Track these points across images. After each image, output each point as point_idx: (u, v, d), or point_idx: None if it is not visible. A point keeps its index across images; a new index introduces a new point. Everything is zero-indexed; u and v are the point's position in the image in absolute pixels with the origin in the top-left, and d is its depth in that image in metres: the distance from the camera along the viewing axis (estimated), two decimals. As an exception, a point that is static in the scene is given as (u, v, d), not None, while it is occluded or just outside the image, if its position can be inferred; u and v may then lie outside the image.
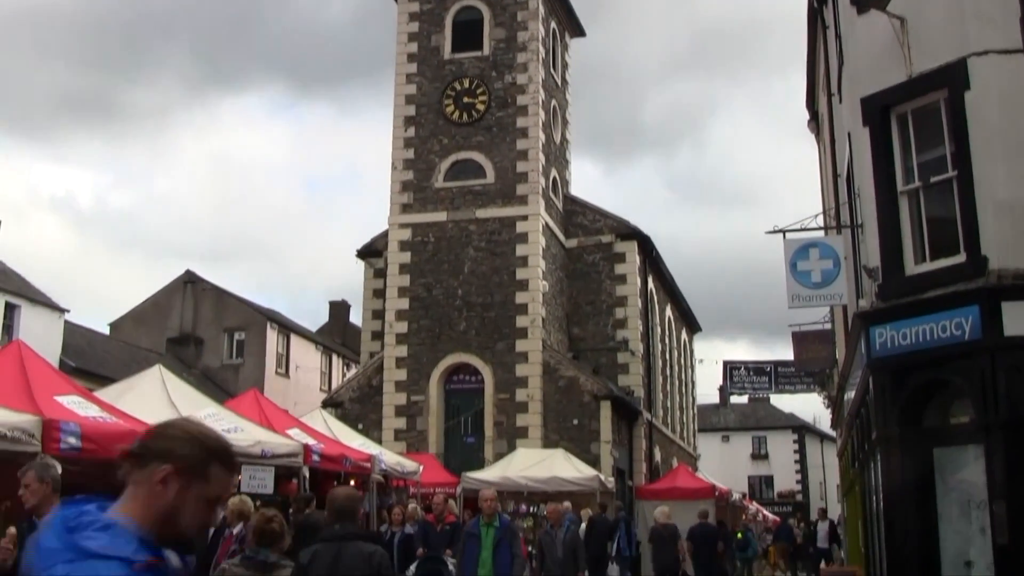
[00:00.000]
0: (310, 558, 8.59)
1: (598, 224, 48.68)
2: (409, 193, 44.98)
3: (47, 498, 8.37)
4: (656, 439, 51.33)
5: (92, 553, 3.32)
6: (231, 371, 58.37)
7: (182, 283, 61.14)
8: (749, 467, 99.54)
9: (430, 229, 44.41)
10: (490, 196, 44.13)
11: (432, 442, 42.40)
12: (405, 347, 43.69)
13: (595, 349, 47.38)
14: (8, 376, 17.41)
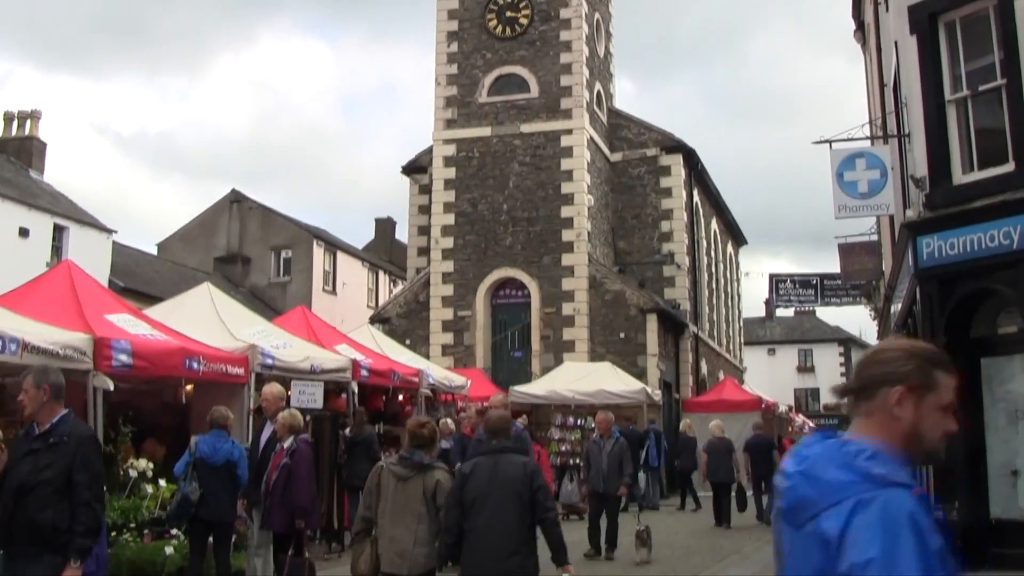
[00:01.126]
0: (471, 468, 9.60)
1: (643, 138, 48.42)
2: (453, 109, 44.86)
3: (46, 405, 8.39)
4: (702, 352, 51.35)
5: (888, 481, 3.32)
6: (278, 289, 58.70)
7: (228, 202, 61.36)
8: (795, 380, 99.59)
9: (474, 144, 44.33)
10: (534, 111, 43.96)
11: (479, 357, 42.63)
12: (451, 262, 43.79)
13: (641, 263, 47.32)
14: (59, 295, 17.62)
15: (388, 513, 9.56)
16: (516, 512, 9.29)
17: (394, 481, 9.65)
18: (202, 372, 17.53)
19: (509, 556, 9.17)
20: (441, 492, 9.56)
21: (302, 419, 14.66)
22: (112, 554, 13.98)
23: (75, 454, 8.25)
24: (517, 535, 9.27)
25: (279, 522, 13.56)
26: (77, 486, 8.17)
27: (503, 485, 9.37)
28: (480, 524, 9.22)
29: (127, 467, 16.53)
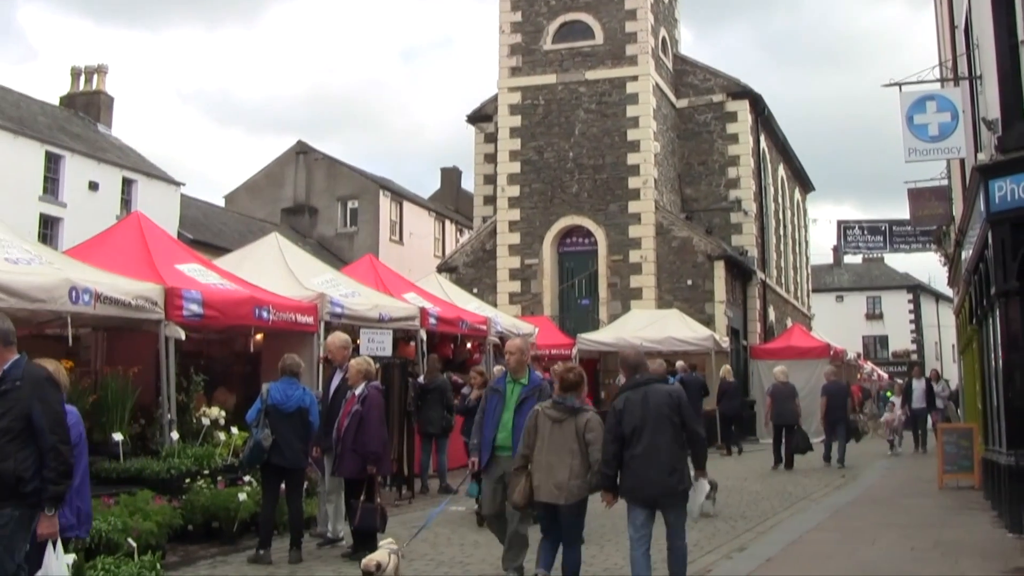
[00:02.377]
0: (623, 403, 10.63)
1: (708, 83, 48.04)
2: (518, 56, 44.70)
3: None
4: (770, 299, 51.10)
5: None
6: (345, 239, 58.96)
7: (294, 154, 61.60)
8: (863, 327, 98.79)
9: (539, 92, 44.17)
10: (599, 57, 43.71)
11: (547, 304, 42.66)
12: (518, 211, 43.76)
13: (708, 209, 47.10)
14: (129, 246, 17.79)
15: (545, 451, 10.85)
16: (670, 434, 10.49)
17: (549, 423, 10.92)
18: (272, 321, 17.67)
19: (670, 473, 10.43)
20: (590, 431, 10.76)
21: (373, 365, 14.72)
22: (186, 500, 14.20)
23: (31, 398, 7.98)
24: (673, 454, 10.50)
25: (350, 468, 13.65)
26: (40, 431, 7.93)
27: (655, 412, 10.50)
28: (640, 451, 10.42)
29: (199, 415, 16.70)
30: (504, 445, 12.04)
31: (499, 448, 12.07)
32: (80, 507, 8.85)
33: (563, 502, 10.73)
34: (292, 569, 12.97)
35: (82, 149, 43.21)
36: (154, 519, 12.63)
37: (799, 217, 64.33)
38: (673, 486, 10.46)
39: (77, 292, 13.81)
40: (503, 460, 11.93)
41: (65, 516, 8.42)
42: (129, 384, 15.92)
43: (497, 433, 12.09)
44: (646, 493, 10.49)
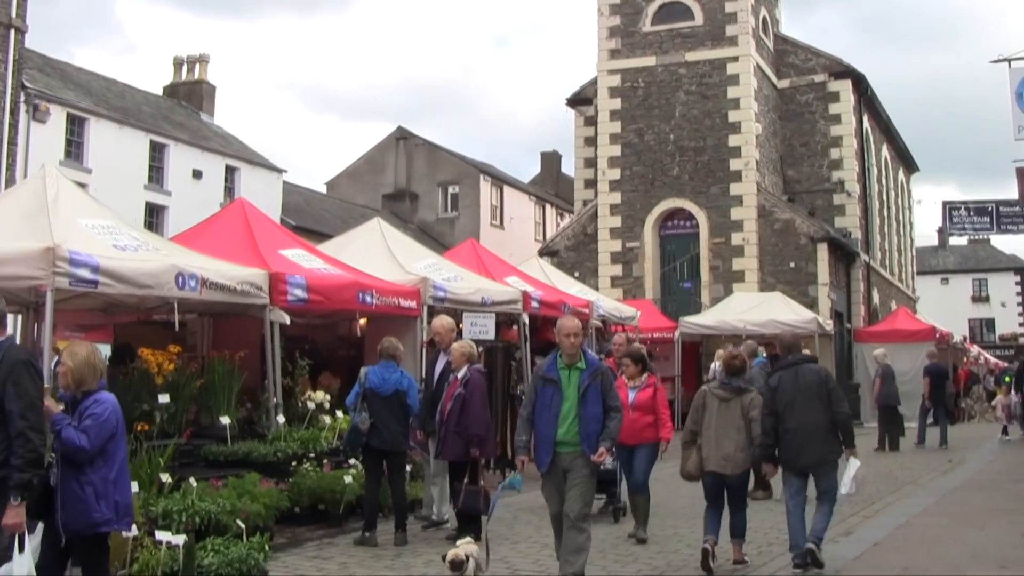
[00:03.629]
0: (777, 381, 12.01)
1: (810, 63, 47.49)
2: (617, 39, 44.55)
3: None
4: (874, 281, 50.52)
5: None
6: (446, 224, 59.16)
7: (394, 140, 61.86)
8: (969, 310, 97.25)
9: (639, 74, 44.02)
10: (699, 38, 43.43)
11: (648, 288, 42.55)
12: (619, 194, 43.66)
13: (810, 191, 46.63)
14: (234, 232, 17.96)
15: (713, 427, 12.11)
16: (819, 410, 11.76)
17: (716, 402, 12.23)
18: (375, 306, 17.74)
19: (822, 444, 11.79)
20: (754, 408, 12.04)
21: (476, 349, 14.74)
22: (293, 483, 14.32)
23: (5, 381, 7.60)
24: (823, 428, 11.78)
25: (454, 451, 13.70)
26: (9, 416, 7.53)
27: (805, 390, 11.79)
28: (793, 425, 11.76)
29: (305, 399, 16.85)
30: (567, 440, 10.61)
31: (560, 444, 10.59)
32: (118, 500, 8.26)
33: (730, 472, 12.02)
34: (397, 551, 13.04)
35: (185, 138, 43.72)
36: (261, 501, 12.74)
37: (903, 198, 63.47)
38: (823, 456, 11.84)
39: (184, 278, 13.95)
40: (565, 457, 10.58)
41: (101, 510, 8.03)
42: (236, 368, 16.07)
43: (558, 428, 10.60)
44: (800, 463, 11.88)
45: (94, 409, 8.09)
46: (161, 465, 12.21)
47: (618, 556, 12.86)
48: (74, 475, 7.97)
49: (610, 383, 10.87)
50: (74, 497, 7.95)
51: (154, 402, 14.44)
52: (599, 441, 10.50)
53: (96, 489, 8.00)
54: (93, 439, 7.96)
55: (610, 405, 10.68)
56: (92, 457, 7.99)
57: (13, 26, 32.68)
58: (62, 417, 8.04)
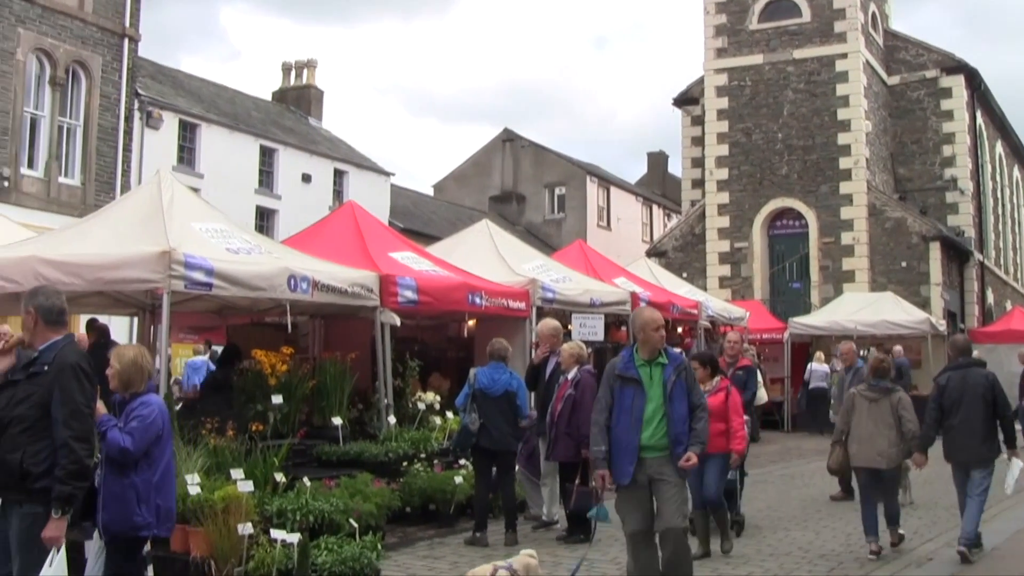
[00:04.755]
0: (946, 380, 12.90)
1: (921, 59, 46.78)
2: (723, 37, 44.31)
3: (36, 331, 7.64)
4: (988, 281, 49.69)
5: None
6: (553, 226, 59.22)
7: (500, 141, 62.05)
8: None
9: (746, 73, 43.74)
10: (807, 35, 43.02)
11: (757, 288, 42.28)
12: (726, 194, 43.43)
13: (922, 189, 45.95)
14: (344, 235, 18.18)
15: (865, 426, 13.01)
16: (982, 410, 12.60)
17: (866, 403, 13.08)
18: (485, 307, 17.84)
19: (981, 443, 12.60)
20: (904, 408, 12.92)
21: (586, 350, 14.74)
22: (404, 483, 14.40)
23: (53, 386, 7.34)
24: (985, 427, 12.62)
25: (565, 452, 13.71)
26: (55, 424, 7.28)
27: (972, 391, 12.64)
28: (956, 422, 12.65)
29: (415, 400, 16.97)
30: (652, 444, 9.60)
31: (646, 449, 9.57)
32: (160, 505, 8.06)
33: (884, 466, 12.92)
34: (508, 551, 13.00)
35: (295, 142, 44.15)
36: (373, 501, 12.82)
37: (1019, 196, 62.26)
38: (983, 454, 12.65)
39: (296, 280, 14.12)
40: (652, 463, 9.57)
41: (141, 514, 7.86)
42: (347, 370, 16.23)
43: (642, 432, 9.59)
44: (960, 457, 12.75)
45: (140, 411, 8.01)
46: (275, 464, 12.34)
47: (728, 559, 12.80)
48: (117, 477, 7.89)
49: (694, 379, 10.09)
50: (115, 498, 7.87)
51: (268, 403, 14.63)
52: (688, 445, 9.52)
53: (138, 492, 7.90)
54: (137, 441, 7.86)
55: (696, 403, 9.78)
56: (136, 459, 7.90)
57: (127, 35, 33.26)
58: (108, 418, 7.97)
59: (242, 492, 10.91)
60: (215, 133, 39.38)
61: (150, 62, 40.16)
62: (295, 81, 51.55)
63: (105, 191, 32.04)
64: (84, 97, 32.11)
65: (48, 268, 13.15)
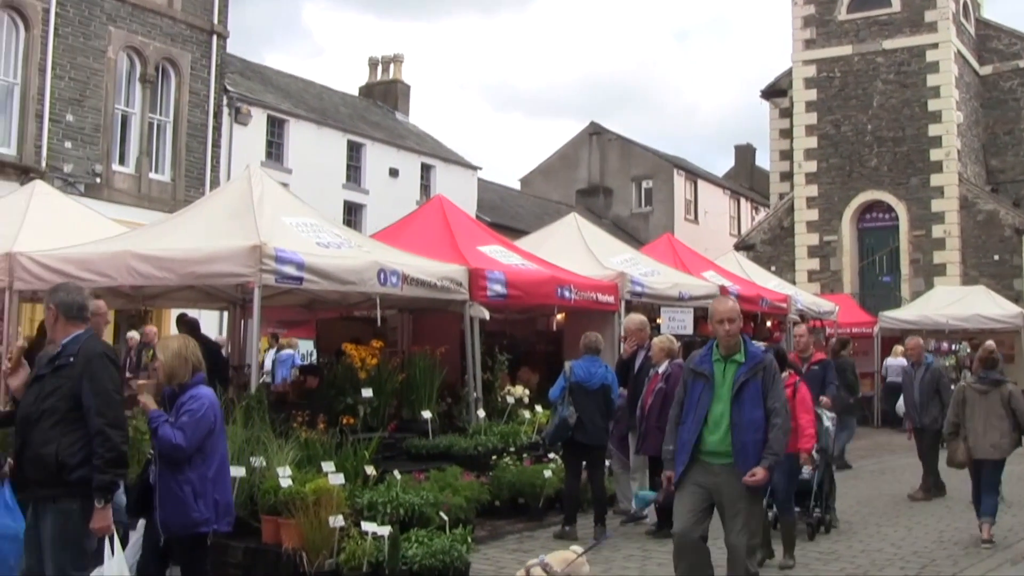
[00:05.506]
0: None
1: (1015, 48, 45.99)
2: (812, 28, 43.92)
3: (58, 326, 7.63)
4: (1084, 273, 48.85)
5: None
6: (640, 219, 59.08)
7: (587, 135, 61.97)
8: None
9: (835, 64, 43.33)
10: (896, 26, 42.52)
11: (846, 282, 41.91)
12: (815, 186, 43.09)
13: (1015, 181, 45.23)
14: (433, 229, 18.21)
15: (977, 419, 13.43)
16: None
17: (976, 395, 13.52)
18: (573, 300, 17.80)
19: None
20: (1014, 399, 13.34)
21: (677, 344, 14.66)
22: (493, 477, 14.39)
23: (81, 376, 7.32)
24: None
25: (655, 446, 13.58)
26: (88, 413, 7.26)
27: None
28: None
29: (504, 394, 16.96)
30: (719, 450, 8.85)
31: (707, 454, 8.86)
32: (217, 499, 8.02)
33: (998, 456, 13.37)
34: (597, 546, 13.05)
35: (382, 137, 44.36)
36: (463, 494, 12.83)
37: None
38: None
39: (386, 274, 14.14)
40: (718, 470, 8.83)
41: (199, 509, 7.84)
42: (437, 363, 16.25)
43: (705, 434, 8.88)
44: None
45: (191, 405, 7.95)
46: (366, 457, 12.38)
47: (819, 553, 12.70)
48: (172, 473, 7.86)
49: (773, 380, 8.95)
50: (172, 496, 7.83)
51: (358, 396, 14.67)
52: (761, 457, 8.66)
53: (194, 488, 7.86)
54: (189, 436, 7.81)
55: (771, 407, 8.83)
56: (190, 455, 7.85)
57: (215, 32, 33.59)
58: (158, 414, 7.95)
59: (333, 485, 10.95)
60: (303, 128, 39.69)
61: (238, 58, 40.53)
62: (382, 76, 51.83)
63: (195, 187, 32.41)
64: (174, 94, 32.50)
65: (141, 263, 13.35)
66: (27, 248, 14.72)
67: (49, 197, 17.94)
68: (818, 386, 14.69)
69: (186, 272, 13.35)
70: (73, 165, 29.09)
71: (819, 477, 13.70)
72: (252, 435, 11.91)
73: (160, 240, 14.12)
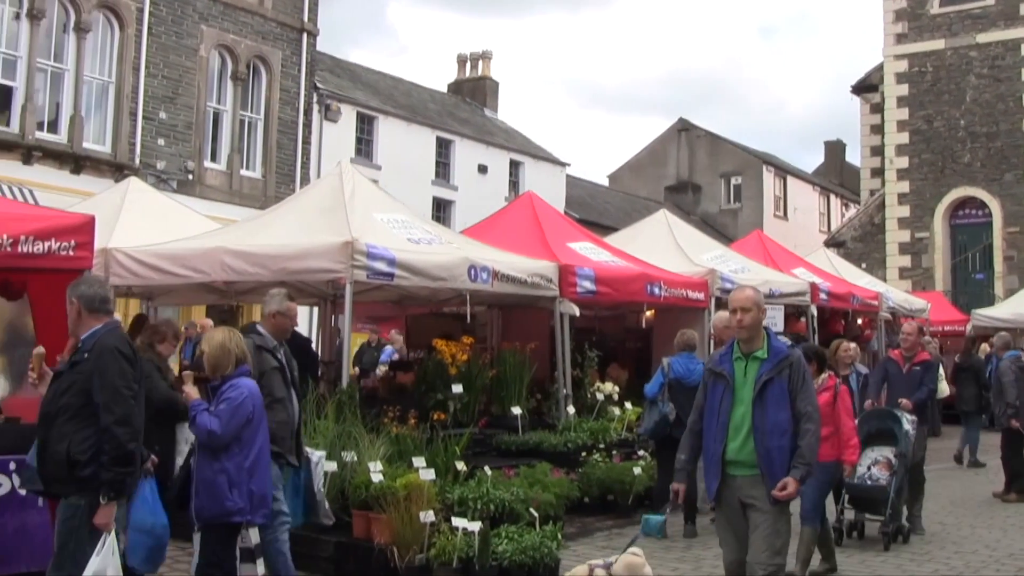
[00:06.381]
0: None
1: (1112, 41, 45.25)
2: (903, 22, 43.34)
3: (80, 320, 7.55)
4: None
5: None
6: (729, 216, 58.85)
7: (676, 131, 61.81)
8: None
9: (927, 59, 42.72)
10: (991, 19, 41.81)
11: (938, 279, 41.37)
12: (907, 183, 42.54)
13: (1113, 176, 44.50)
14: (523, 225, 18.25)
15: None
16: None
17: None
18: (663, 297, 17.74)
19: None
20: None
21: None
22: (583, 473, 14.38)
23: (93, 372, 7.25)
24: None
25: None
26: (97, 409, 7.19)
27: None
28: None
29: (594, 391, 16.94)
30: (741, 460, 7.88)
31: (733, 465, 7.90)
32: (253, 491, 8.00)
33: None
34: (687, 543, 13.04)
35: (471, 133, 44.52)
36: (552, 491, 12.82)
37: None
38: None
39: (476, 270, 14.17)
40: (741, 483, 7.89)
41: (233, 499, 7.87)
42: (527, 360, 16.26)
43: (727, 441, 7.91)
44: None
45: (229, 394, 8.02)
46: (456, 453, 12.42)
47: (913, 555, 12.56)
48: (209, 461, 7.93)
49: (802, 379, 7.87)
50: (207, 483, 7.91)
51: (448, 392, 14.73)
52: (790, 466, 7.69)
53: (230, 477, 7.90)
54: (225, 424, 7.87)
55: (801, 411, 7.79)
56: (226, 443, 7.90)
57: (305, 30, 33.87)
58: (199, 403, 8.05)
59: (424, 480, 11.00)
60: (392, 125, 39.93)
61: (328, 56, 40.85)
62: (470, 73, 52.01)
63: (285, 183, 32.71)
64: (264, 91, 32.83)
65: (234, 258, 13.49)
66: (122, 244, 14.96)
67: (143, 194, 18.23)
68: (914, 388, 14.25)
69: (278, 268, 13.44)
70: (166, 162, 29.49)
71: (897, 483, 13.02)
72: (344, 430, 12.02)
73: (253, 236, 14.26)
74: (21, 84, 26.40)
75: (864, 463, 13.12)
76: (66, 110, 27.53)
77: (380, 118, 39.55)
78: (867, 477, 13.14)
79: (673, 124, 62.70)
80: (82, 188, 24.73)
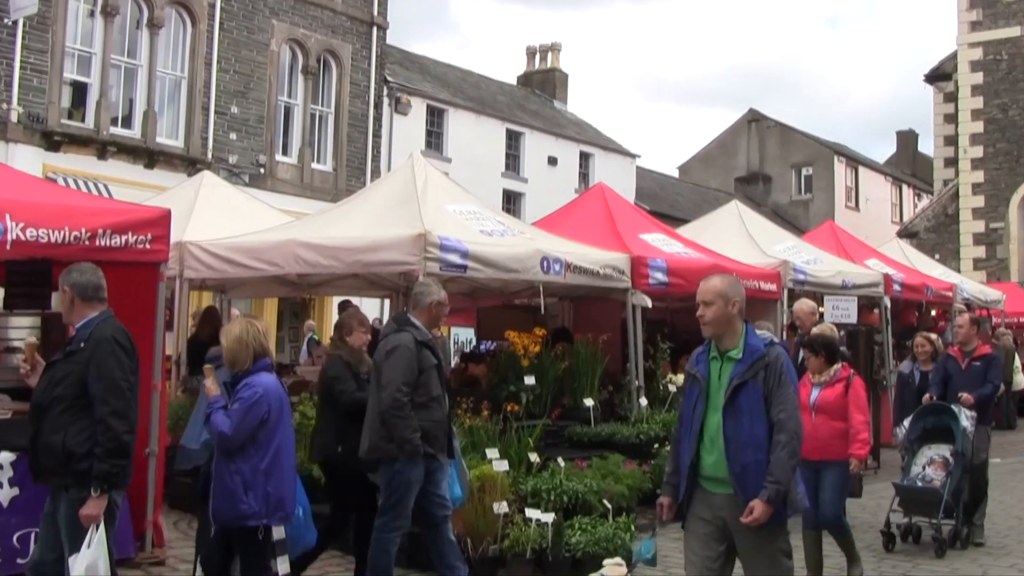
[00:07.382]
0: None
1: None
2: (978, 10, 42.88)
3: (73, 309, 7.38)
4: None
5: None
6: (800, 207, 58.51)
7: (746, 122, 61.53)
8: None
9: (1003, 46, 42.26)
10: (1068, 5, 41.42)
11: (1014, 270, 40.91)
12: (981, 172, 42.11)
13: None
14: (595, 217, 18.22)
15: None
16: None
17: None
18: (736, 289, 17.61)
19: None
20: None
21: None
22: (655, 465, 14.27)
23: (89, 362, 7.10)
24: None
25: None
26: (93, 400, 7.04)
27: None
28: None
29: (666, 382, 16.88)
30: (715, 475, 6.88)
31: (709, 481, 6.91)
32: (270, 492, 7.70)
33: None
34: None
35: (540, 125, 44.48)
36: (625, 482, 12.80)
37: None
38: None
39: (548, 262, 14.13)
40: (721, 501, 6.88)
41: (248, 502, 7.61)
42: (599, 351, 16.23)
43: (701, 452, 6.91)
44: None
45: (243, 393, 7.76)
46: (530, 445, 12.43)
47: (990, 551, 12.37)
48: (225, 462, 7.73)
49: (778, 381, 6.74)
50: (223, 485, 7.70)
51: (520, 383, 14.73)
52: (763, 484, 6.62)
53: (245, 479, 7.65)
54: (235, 425, 7.63)
55: (773, 419, 6.74)
56: (240, 444, 7.66)
57: (375, 23, 34.08)
58: (216, 399, 7.87)
59: (497, 471, 11.04)
60: (462, 117, 39.96)
61: (397, 49, 40.97)
62: (539, 65, 51.98)
63: (356, 176, 32.92)
64: (335, 85, 33.06)
65: (307, 251, 13.54)
66: (196, 237, 15.12)
67: (216, 187, 18.42)
68: (978, 384, 13.06)
69: (351, 260, 13.47)
70: (238, 156, 29.75)
71: (953, 485, 12.27)
72: (417, 422, 12.04)
73: (326, 229, 14.30)
74: (95, 80, 26.77)
75: (919, 462, 12.66)
76: (139, 105, 27.87)
77: (450, 110, 39.60)
78: (920, 478, 12.53)
79: (743, 115, 62.44)
80: (155, 182, 25.03)
